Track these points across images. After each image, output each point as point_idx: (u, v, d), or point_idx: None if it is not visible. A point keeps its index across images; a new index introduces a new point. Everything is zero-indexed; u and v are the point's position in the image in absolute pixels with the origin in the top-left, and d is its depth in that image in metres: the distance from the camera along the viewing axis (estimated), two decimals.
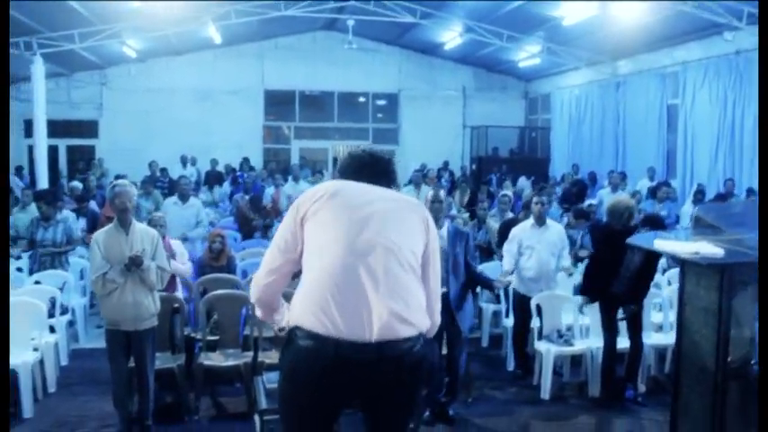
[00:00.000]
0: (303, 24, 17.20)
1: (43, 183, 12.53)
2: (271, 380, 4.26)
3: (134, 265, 4.42)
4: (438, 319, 2.57)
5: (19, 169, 14.80)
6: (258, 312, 2.69)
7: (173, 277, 5.57)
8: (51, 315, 5.98)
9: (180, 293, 5.88)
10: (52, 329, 5.89)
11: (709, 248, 2.41)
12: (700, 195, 9.93)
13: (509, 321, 6.37)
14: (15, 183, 12.47)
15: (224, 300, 5.58)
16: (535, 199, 6.22)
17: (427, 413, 4.97)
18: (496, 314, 6.94)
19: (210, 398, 5.35)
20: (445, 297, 4.81)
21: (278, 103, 18.93)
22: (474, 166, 18.04)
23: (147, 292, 4.57)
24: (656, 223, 5.62)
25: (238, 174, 14.87)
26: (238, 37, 16.77)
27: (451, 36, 15.53)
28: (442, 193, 5.07)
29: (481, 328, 7.06)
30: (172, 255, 5.70)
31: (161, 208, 7.90)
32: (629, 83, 14.18)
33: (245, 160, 16.45)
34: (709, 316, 2.30)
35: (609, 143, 14.86)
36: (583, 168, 14.84)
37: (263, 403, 4.05)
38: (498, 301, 6.74)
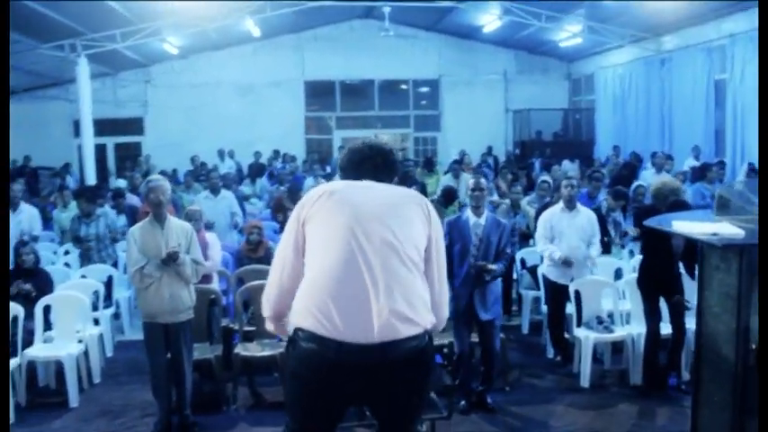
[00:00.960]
0: (340, 14, 17.21)
1: (91, 180, 12.89)
2: None
3: (170, 260, 4.51)
4: (445, 314, 2.52)
5: (67, 167, 15.25)
6: (269, 326, 2.67)
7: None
8: (96, 308, 6.16)
9: (216, 285, 5.96)
10: (97, 322, 6.07)
11: (729, 229, 2.29)
12: (752, 174, 9.54)
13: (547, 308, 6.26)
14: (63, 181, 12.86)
15: (260, 291, 5.61)
16: (565, 182, 6.04)
17: (462, 403, 4.95)
18: (537, 300, 6.83)
19: (249, 388, 5.41)
20: (474, 284, 4.81)
21: (319, 93, 19.01)
22: (517, 151, 17.80)
23: (183, 286, 4.65)
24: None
25: (271, 167, 14.92)
26: (277, 29, 16.89)
27: (490, 19, 15.30)
28: (483, 181, 5.06)
29: (521, 315, 6.99)
30: (206, 247, 5.75)
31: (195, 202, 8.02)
32: (674, 59, 13.72)
33: (276, 153, 16.48)
34: (728, 301, 2.19)
35: (654, 123, 14.43)
36: (628, 149, 14.46)
37: None
38: (538, 288, 6.63)
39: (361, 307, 2.22)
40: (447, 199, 7.95)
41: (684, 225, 2.54)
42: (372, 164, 2.56)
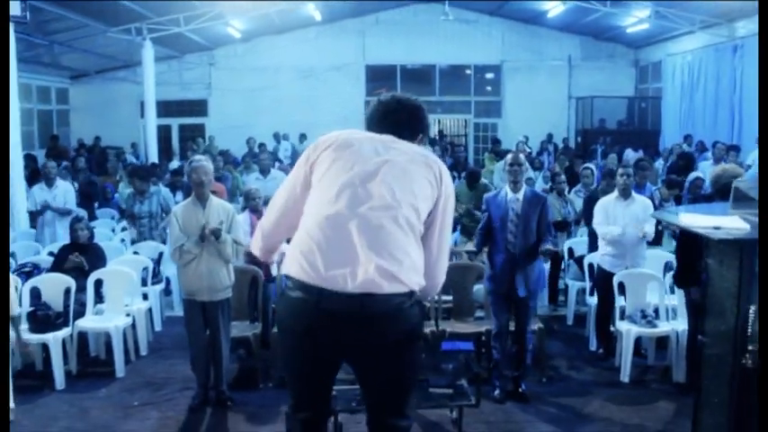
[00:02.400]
0: None
1: (153, 159, 13.32)
2: None
3: (213, 236, 4.62)
4: (439, 281, 2.46)
5: (133, 146, 15.82)
6: (257, 252, 2.67)
7: None
8: (146, 283, 6.39)
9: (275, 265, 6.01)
10: (146, 297, 6.29)
11: (734, 223, 2.16)
12: None
13: (593, 300, 6.12)
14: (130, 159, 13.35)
15: None
16: (620, 170, 5.89)
17: (497, 392, 4.91)
18: (583, 292, 6.69)
19: None
20: (513, 260, 4.77)
21: (379, 78, 19.00)
22: (579, 139, 17.38)
23: (222, 264, 4.76)
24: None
25: None
26: (339, 13, 16.97)
27: (554, 3, 14.93)
28: (521, 156, 5.05)
29: (567, 306, 6.87)
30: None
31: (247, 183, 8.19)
32: (747, 46, 13.05)
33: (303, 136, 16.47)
34: (730, 299, 2.08)
35: (724, 113, 13.79)
36: (695, 139, 13.90)
37: None
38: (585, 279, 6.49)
39: (347, 257, 2.20)
40: (470, 180, 7.89)
41: (689, 217, 2.42)
42: (395, 118, 2.49)
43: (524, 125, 17.40)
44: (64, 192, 7.78)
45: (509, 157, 5.06)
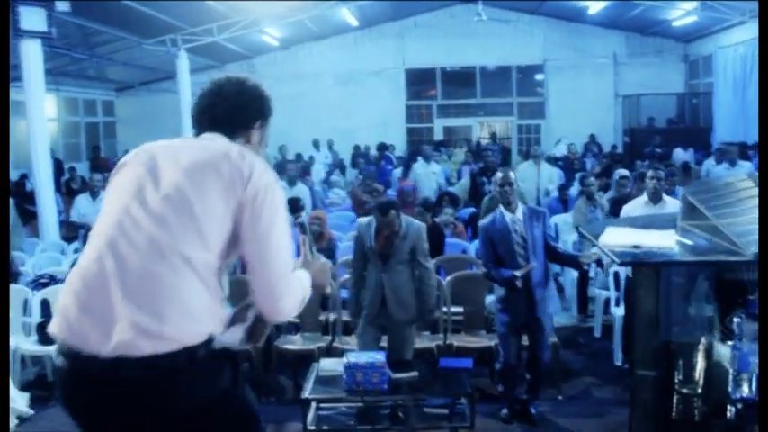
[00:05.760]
0: (440, 1, 16.92)
1: None
2: (324, 367, 4.19)
3: None
4: (281, 305, 1.91)
5: None
6: None
7: None
8: None
9: None
10: None
11: (659, 240, 1.86)
12: None
13: (618, 310, 5.76)
14: None
15: None
16: (650, 173, 5.51)
17: (505, 410, 4.63)
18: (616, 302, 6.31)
19: (293, 381, 5.36)
20: (527, 285, 4.46)
21: (420, 81, 18.80)
22: (626, 139, 16.74)
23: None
24: None
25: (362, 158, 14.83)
26: (377, 18, 16.86)
27: (595, 0, 14.44)
28: (512, 174, 4.64)
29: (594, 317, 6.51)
30: None
31: None
32: None
33: (356, 149, 16.20)
34: (651, 327, 1.78)
35: None
36: (749, 136, 13.15)
37: (308, 390, 3.98)
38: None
39: (104, 314, 1.75)
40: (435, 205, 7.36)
41: (613, 234, 2.10)
42: (212, 115, 2.03)
43: (569, 126, 16.91)
44: None
45: (498, 176, 4.62)
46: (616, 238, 2.06)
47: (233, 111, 2.03)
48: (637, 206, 5.47)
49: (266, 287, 1.87)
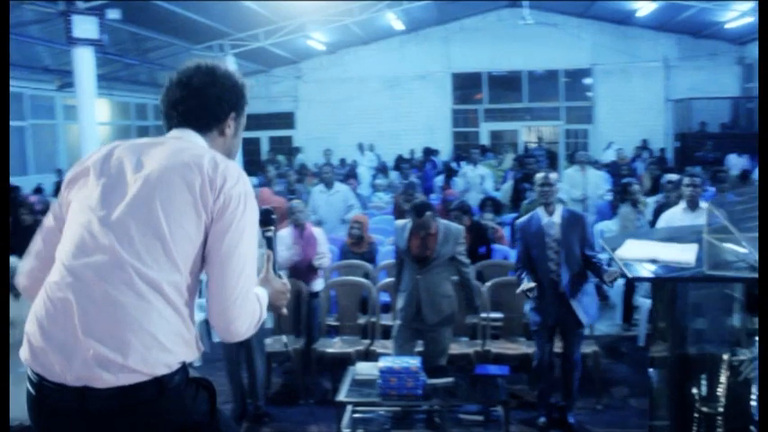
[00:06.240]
0: (486, 3, 16.84)
1: None
2: (360, 371, 4.21)
3: None
4: (238, 326, 1.75)
5: None
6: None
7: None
8: (201, 294, 6.46)
9: (321, 279, 5.85)
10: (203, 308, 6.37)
11: (679, 254, 1.79)
12: None
13: None
14: None
15: (345, 286, 5.60)
16: (687, 180, 5.40)
17: (542, 419, 4.58)
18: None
19: (331, 383, 5.41)
20: (555, 289, 4.40)
21: (466, 85, 18.73)
22: (678, 144, 16.33)
23: None
24: None
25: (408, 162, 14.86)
26: (422, 22, 16.87)
27: (642, 3, 14.13)
28: (552, 175, 4.59)
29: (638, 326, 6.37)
30: (310, 243, 5.65)
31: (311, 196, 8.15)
32: None
33: (399, 158, 16.10)
34: (665, 341, 1.73)
35: None
36: None
37: (343, 393, 4.00)
38: None
39: (65, 340, 1.64)
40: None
41: (630, 247, 2.03)
42: (182, 110, 1.86)
43: (617, 131, 16.65)
44: None
45: (538, 176, 4.59)
46: (634, 251, 2.01)
47: (204, 104, 1.86)
48: (675, 214, 5.37)
49: (221, 309, 1.72)
